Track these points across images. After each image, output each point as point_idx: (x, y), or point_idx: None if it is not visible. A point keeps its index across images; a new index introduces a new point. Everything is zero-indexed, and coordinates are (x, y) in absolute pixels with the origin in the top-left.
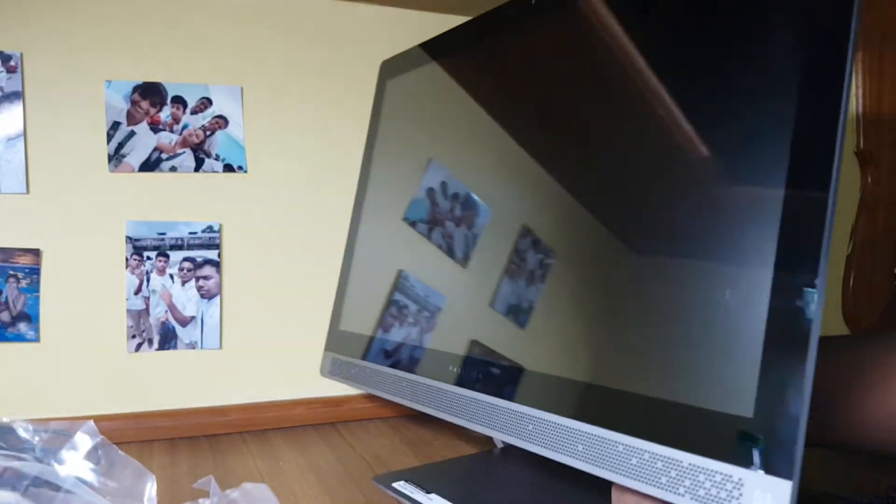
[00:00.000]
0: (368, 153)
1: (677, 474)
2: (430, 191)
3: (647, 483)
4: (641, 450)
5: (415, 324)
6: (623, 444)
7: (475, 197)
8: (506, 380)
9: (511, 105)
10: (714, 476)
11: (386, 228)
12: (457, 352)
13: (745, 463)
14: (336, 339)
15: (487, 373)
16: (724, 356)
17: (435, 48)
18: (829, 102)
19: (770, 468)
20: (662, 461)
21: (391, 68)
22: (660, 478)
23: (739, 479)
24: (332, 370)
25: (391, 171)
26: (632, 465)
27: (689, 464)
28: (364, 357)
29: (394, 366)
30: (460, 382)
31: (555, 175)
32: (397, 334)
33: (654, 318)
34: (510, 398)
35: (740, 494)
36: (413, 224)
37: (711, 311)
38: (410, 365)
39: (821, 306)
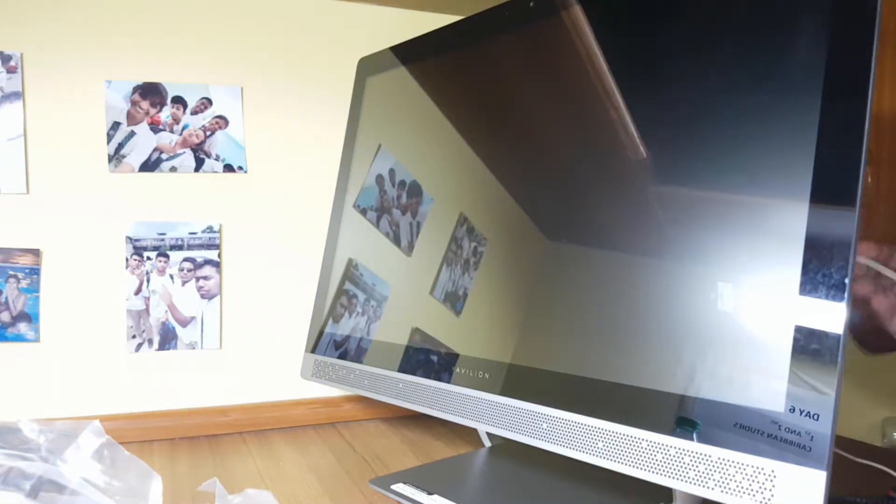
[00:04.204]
0: (349, 150)
1: (706, 469)
2: (379, 178)
3: (674, 478)
4: (667, 445)
5: (372, 318)
6: (647, 441)
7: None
8: (511, 377)
9: (477, 113)
10: (745, 469)
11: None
12: (466, 352)
13: (778, 455)
14: (317, 340)
15: (499, 370)
16: (754, 353)
17: (403, 51)
18: (854, 108)
19: (803, 460)
20: (690, 456)
21: (369, 66)
22: (688, 472)
23: (772, 472)
24: (315, 372)
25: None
26: (657, 460)
27: (719, 458)
28: (344, 357)
29: (375, 365)
30: (456, 380)
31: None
32: (381, 332)
33: (682, 321)
34: (522, 397)
35: (773, 486)
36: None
37: (741, 311)
38: (401, 365)
39: (849, 302)
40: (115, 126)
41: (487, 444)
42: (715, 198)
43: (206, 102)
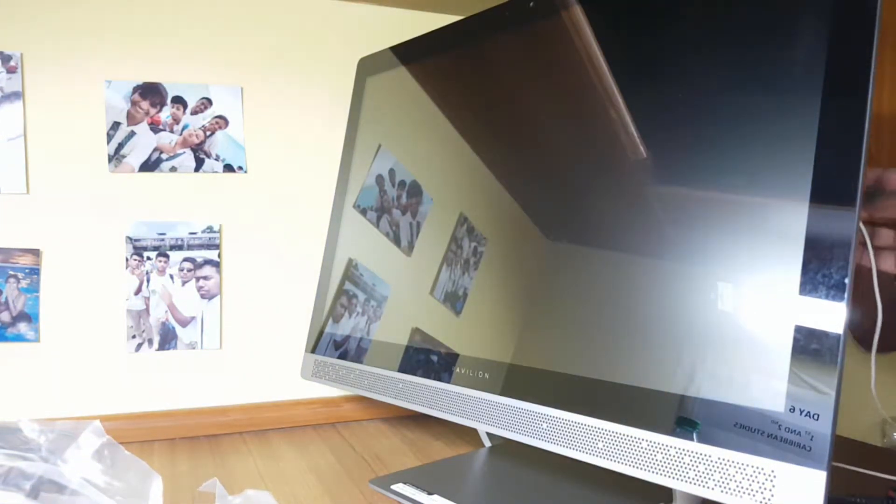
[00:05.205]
0: (349, 150)
1: (706, 469)
2: (379, 178)
3: (674, 478)
4: (667, 446)
5: (372, 318)
6: (647, 441)
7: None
8: (511, 377)
9: (479, 113)
10: (745, 469)
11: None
12: (472, 353)
13: (778, 455)
14: (317, 341)
15: (500, 370)
16: (754, 353)
17: (403, 51)
18: (854, 108)
19: (803, 460)
20: (690, 456)
21: (369, 66)
22: (688, 472)
23: (772, 472)
24: (315, 372)
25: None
26: (657, 460)
27: (719, 458)
28: (344, 357)
29: (375, 365)
30: (457, 381)
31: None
32: (381, 332)
33: (682, 321)
34: (522, 397)
35: (773, 486)
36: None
37: (741, 311)
38: (402, 365)
39: (849, 302)
40: (115, 126)
41: (487, 444)
42: (715, 198)
43: (206, 102)
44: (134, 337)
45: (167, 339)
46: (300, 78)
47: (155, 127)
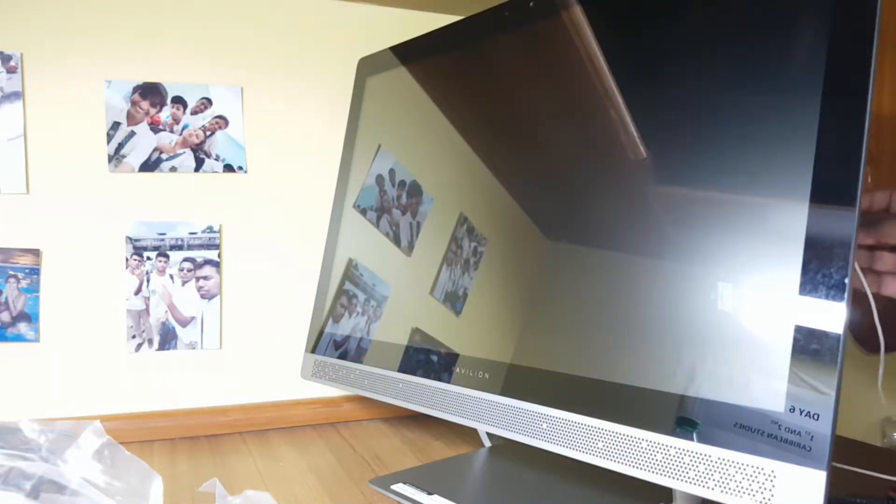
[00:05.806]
0: (349, 150)
1: (706, 469)
2: (379, 178)
3: (674, 478)
4: (667, 446)
5: (372, 318)
6: (647, 441)
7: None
8: (511, 377)
9: (482, 115)
10: (745, 469)
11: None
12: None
13: (778, 455)
14: (317, 341)
15: (499, 370)
16: (754, 353)
17: (403, 51)
18: (854, 108)
19: (803, 460)
20: (690, 456)
21: (369, 66)
22: (688, 472)
23: (772, 472)
24: (315, 372)
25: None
26: (657, 460)
27: (719, 458)
28: (344, 357)
29: (375, 365)
30: (457, 381)
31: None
32: (381, 332)
33: (681, 321)
34: (522, 397)
35: (773, 486)
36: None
37: (741, 311)
38: (402, 365)
39: (849, 302)
40: (115, 126)
41: (487, 444)
42: (715, 198)
43: (206, 102)
44: (134, 337)
45: (167, 339)
46: (300, 78)
47: (155, 127)
